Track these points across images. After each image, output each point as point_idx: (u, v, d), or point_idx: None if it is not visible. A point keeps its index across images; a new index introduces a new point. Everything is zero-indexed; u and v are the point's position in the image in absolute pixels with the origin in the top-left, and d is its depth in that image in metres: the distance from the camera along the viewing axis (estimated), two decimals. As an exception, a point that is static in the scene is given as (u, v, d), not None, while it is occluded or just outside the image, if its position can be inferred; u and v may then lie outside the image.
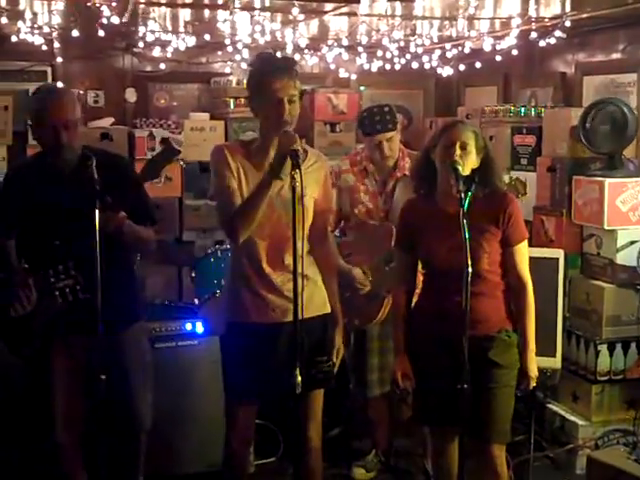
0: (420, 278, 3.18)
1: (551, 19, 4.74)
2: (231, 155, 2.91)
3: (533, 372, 3.05)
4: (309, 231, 2.95)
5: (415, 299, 3.17)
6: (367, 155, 3.92)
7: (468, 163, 2.92)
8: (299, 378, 2.59)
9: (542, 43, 4.92)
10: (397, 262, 3.23)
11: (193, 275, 4.51)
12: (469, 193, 2.82)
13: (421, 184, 3.10)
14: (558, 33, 4.72)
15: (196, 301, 4.31)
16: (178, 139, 3.02)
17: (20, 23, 4.93)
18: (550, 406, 4.26)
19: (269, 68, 2.89)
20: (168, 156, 2.83)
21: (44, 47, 5.43)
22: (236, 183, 2.88)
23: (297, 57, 5.74)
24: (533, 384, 3.08)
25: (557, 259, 3.81)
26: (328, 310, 3.04)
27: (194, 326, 4.01)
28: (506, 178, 4.75)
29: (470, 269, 2.69)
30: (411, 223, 3.09)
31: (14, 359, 3.15)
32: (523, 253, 3.05)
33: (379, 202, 3.86)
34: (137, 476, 3.35)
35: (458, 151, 2.90)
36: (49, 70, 5.98)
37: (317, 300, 3.01)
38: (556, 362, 3.74)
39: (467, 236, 2.71)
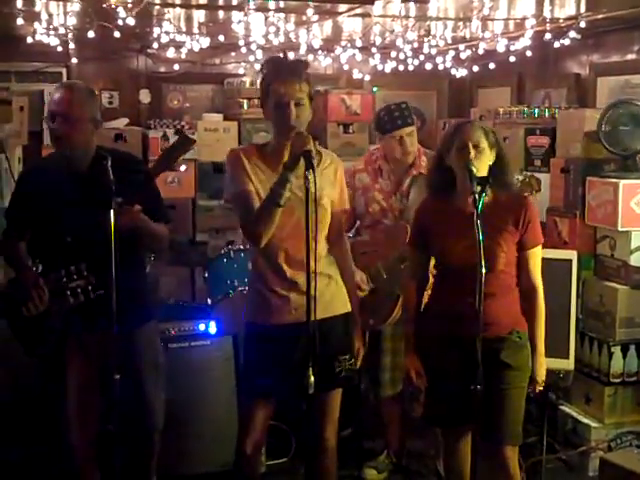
0: (431, 279, 3.19)
1: (566, 20, 4.74)
2: (247, 159, 2.92)
3: (541, 377, 3.05)
4: (327, 231, 2.99)
5: (425, 299, 3.18)
6: (382, 154, 3.92)
7: (484, 161, 2.93)
8: (312, 378, 2.60)
9: (556, 44, 4.92)
10: (410, 260, 3.23)
11: (206, 275, 4.53)
12: (483, 194, 2.82)
13: (437, 188, 3.10)
14: (572, 34, 4.72)
15: (209, 301, 4.33)
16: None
17: (36, 24, 4.97)
18: (563, 408, 4.25)
19: (275, 71, 2.90)
20: (183, 145, 2.83)
21: (59, 48, 5.46)
22: (253, 187, 2.88)
23: (311, 58, 5.76)
24: (540, 388, 3.08)
25: (570, 260, 3.79)
26: (349, 309, 3.06)
27: (207, 326, 4.02)
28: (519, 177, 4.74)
29: (484, 270, 2.69)
30: (427, 221, 3.10)
31: (29, 360, 3.16)
32: (537, 257, 3.05)
33: (393, 201, 3.86)
34: (150, 476, 3.36)
35: (472, 152, 2.91)
36: (64, 71, 6.02)
37: (339, 299, 3.03)
38: (569, 364, 3.72)
39: (481, 238, 2.71)
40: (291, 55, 4.58)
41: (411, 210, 3.55)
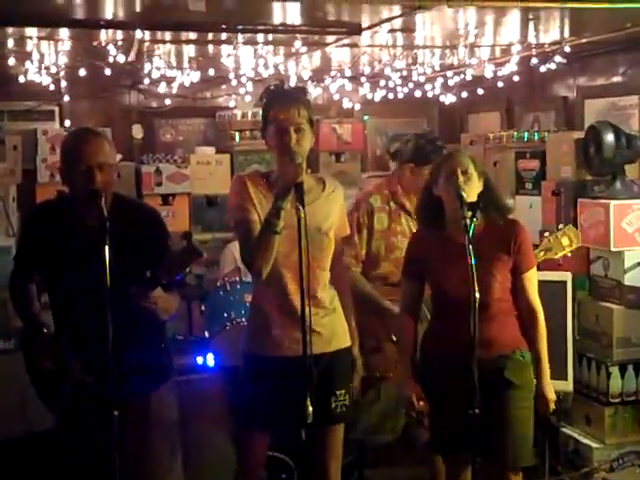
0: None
1: (550, 45, 4.80)
2: (253, 186, 2.87)
3: (551, 395, 3.05)
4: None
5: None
6: (407, 188, 3.64)
7: (473, 188, 2.95)
8: (310, 408, 2.58)
9: (543, 68, 4.97)
10: (404, 290, 3.22)
11: (203, 309, 4.53)
12: (475, 219, 2.84)
13: (427, 219, 3.11)
14: (558, 58, 4.78)
15: (207, 334, 4.32)
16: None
17: (28, 64, 5.02)
18: (564, 430, 4.22)
19: (274, 99, 2.91)
20: (190, 257, 2.70)
21: (51, 87, 5.51)
22: (257, 215, 2.83)
23: (301, 89, 5.81)
24: (552, 407, 3.07)
25: (565, 282, 3.82)
26: (349, 343, 3.01)
27: (205, 359, 4.02)
28: (513, 201, 4.77)
29: (477, 294, 2.71)
30: (420, 254, 3.09)
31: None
32: (533, 280, 3.07)
33: None
34: None
35: (461, 178, 2.93)
36: (57, 109, 6.06)
37: (340, 333, 2.98)
38: (568, 385, 3.73)
39: (474, 262, 2.72)
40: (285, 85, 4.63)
41: None
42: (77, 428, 2.92)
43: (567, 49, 4.67)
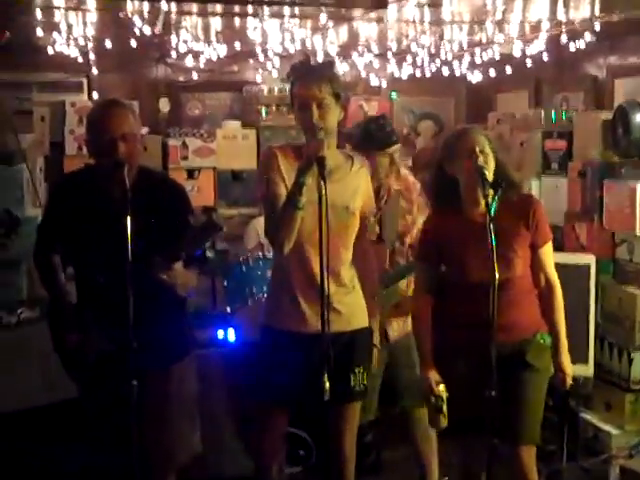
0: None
1: (580, 22, 4.72)
2: (283, 157, 2.87)
3: (568, 370, 3.02)
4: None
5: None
6: None
7: (491, 166, 2.91)
8: (327, 384, 2.59)
9: (572, 47, 4.89)
10: (420, 275, 3.17)
11: (225, 284, 4.55)
12: (495, 198, 2.81)
13: (442, 199, 3.08)
14: (588, 36, 4.70)
15: (228, 309, 4.35)
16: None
17: (56, 35, 5.04)
18: (583, 415, 4.17)
19: (297, 75, 2.90)
20: (210, 231, 2.72)
21: (79, 59, 5.53)
22: (285, 188, 2.81)
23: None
24: (569, 382, 3.05)
25: (589, 265, 3.77)
26: (367, 322, 3.00)
27: (226, 334, 4.05)
28: (534, 185, 4.73)
29: (500, 273, 2.68)
30: (437, 237, 3.04)
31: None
32: (550, 254, 3.04)
33: (372, 223, 3.49)
34: None
35: (481, 157, 2.89)
36: (85, 81, 6.09)
37: (359, 312, 2.98)
38: (588, 369, 3.70)
39: (494, 242, 2.69)
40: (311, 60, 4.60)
41: (387, 231, 3.43)
42: (98, 398, 2.96)
43: (597, 27, 4.60)
